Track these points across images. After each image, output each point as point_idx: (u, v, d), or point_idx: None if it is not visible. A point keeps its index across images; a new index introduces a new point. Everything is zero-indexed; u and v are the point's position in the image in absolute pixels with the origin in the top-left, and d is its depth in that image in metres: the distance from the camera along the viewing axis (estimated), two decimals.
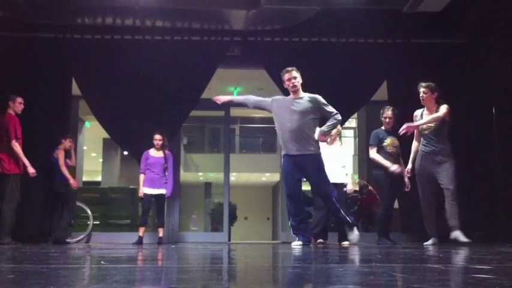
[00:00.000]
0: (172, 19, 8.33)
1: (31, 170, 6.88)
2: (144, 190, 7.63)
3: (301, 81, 6.10)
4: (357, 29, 8.41)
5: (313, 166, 5.82)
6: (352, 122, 14.54)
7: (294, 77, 6.03)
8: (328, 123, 5.95)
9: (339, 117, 5.96)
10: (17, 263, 3.22)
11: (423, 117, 6.30)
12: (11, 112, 7.03)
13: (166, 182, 7.78)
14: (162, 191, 7.71)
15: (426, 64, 8.32)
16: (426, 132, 6.28)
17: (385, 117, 7.00)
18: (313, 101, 5.98)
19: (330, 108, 5.97)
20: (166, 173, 7.80)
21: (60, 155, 7.61)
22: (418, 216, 6.53)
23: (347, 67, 8.44)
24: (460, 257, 3.61)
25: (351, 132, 20.43)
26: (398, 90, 8.45)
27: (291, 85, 6.02)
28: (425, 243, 6.15)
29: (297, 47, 8.53)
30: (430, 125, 6.22)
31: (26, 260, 3.47)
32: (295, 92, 6.04)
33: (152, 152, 7.77)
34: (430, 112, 6.26)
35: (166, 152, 7.85)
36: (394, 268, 2.56)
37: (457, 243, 5.84)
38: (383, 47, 8.54)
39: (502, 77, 7.93)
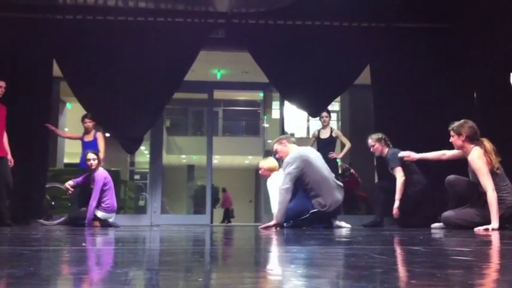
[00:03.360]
0: (156, 0, 8.23)
1: None
2: None
3: (282, 149, 6.10)
4: (341, 13, 8.39)
5: None
6: (335, 106, 14.59)
7: (274, 151, 6.22)
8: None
9: (281, 190, 5.69)
10: None
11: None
12: None
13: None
14: None
15: (410, 49, 8.34)
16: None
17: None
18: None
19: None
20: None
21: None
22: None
23: (331, 50, 8.42)
24: (440, 239, 3.66)
25: (334, 116, 20.49)
26: (382, 75, 8.47)
27: None
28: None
29: (281, 30, 8.48)
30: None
31: (7, 241, 3.44)
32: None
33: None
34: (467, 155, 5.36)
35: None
36: (375, 250, 2.59)
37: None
38: (367, 31, 8.53)
39: (484, 62, 7.99)
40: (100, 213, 7.05)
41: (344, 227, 5.95)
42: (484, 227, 4.83)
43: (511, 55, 8.00)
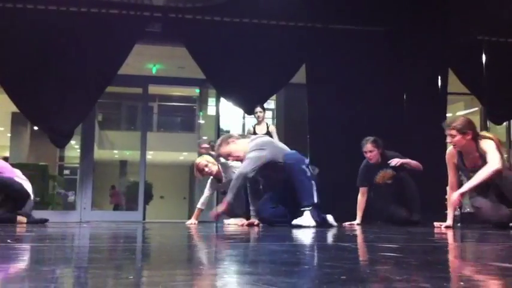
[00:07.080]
0: None
1: None
2: None
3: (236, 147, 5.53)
4: (278, 11, 8.47)
5: None
6: (271, 104, 14.71)
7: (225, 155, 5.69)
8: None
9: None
10: None
11: (464, 163, 4.72)
12: None
13: None
14: None
15: (345, 50, 8.53)
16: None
17: (365, 151, 6.22)
18: None
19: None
20: None
21: None
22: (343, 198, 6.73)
23: (267, 49, 8.49)
24: (369, 236, 3.76)
25: (269, 114, 20.66)
26: (316, 74, 8.62)
27: None
28: None
29: (218, 26, 8.46)
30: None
31: None
32: None
33: None
34: (473, 156, 4.62)
35: None
36: (307, 246, 2.63)
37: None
38: (303, 31, 8.65)
39: (415, 66, 8.31)
40: None
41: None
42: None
43: (441, 59, 8.37)
